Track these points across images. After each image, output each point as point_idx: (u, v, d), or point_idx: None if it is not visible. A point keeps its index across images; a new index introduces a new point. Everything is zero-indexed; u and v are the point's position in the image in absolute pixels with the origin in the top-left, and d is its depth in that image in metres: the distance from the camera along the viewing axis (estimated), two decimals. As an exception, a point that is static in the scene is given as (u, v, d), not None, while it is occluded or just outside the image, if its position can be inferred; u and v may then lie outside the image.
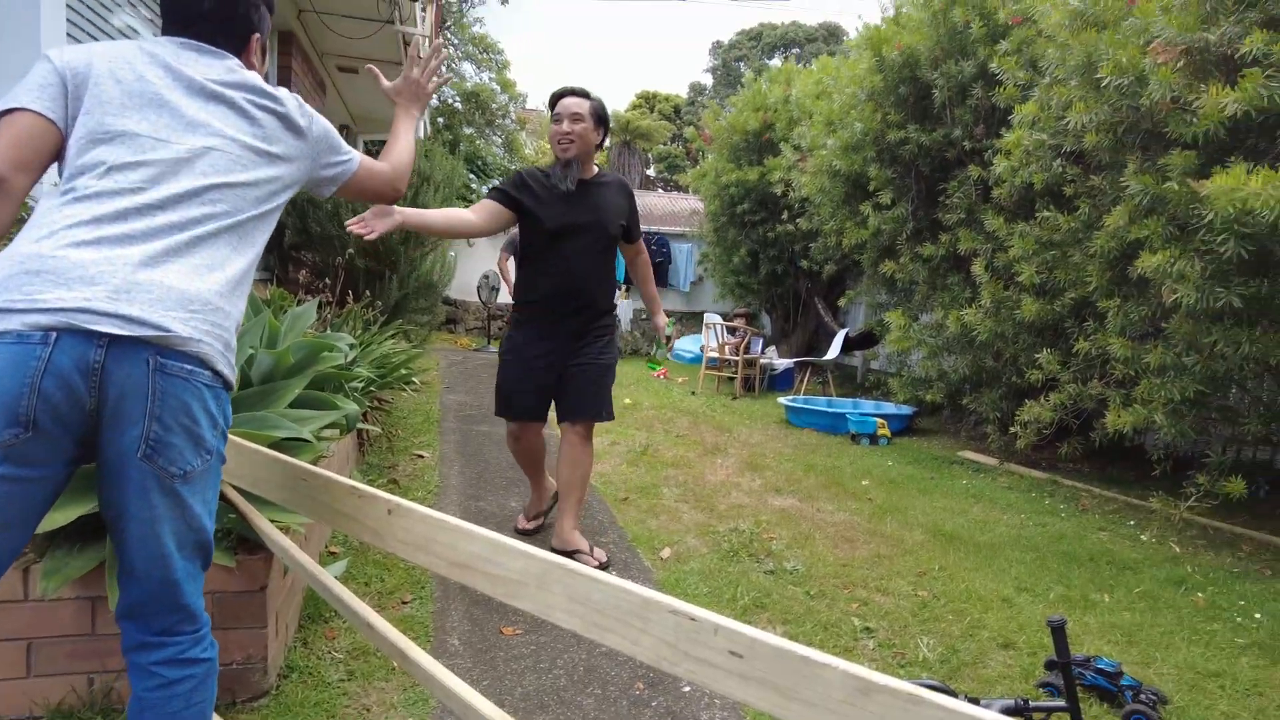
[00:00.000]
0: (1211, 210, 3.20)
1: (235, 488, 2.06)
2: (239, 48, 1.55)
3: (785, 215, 9.06)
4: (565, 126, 2.98)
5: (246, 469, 1.80)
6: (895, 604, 2.95)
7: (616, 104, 42.69)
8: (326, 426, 2.46)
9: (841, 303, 8.26)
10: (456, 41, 12.17)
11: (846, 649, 2.57)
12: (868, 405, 7.16)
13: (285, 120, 1.52)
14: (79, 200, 1.29)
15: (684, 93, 40.24)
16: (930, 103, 6.15)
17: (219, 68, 1.47)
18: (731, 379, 8.80)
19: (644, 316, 13.59)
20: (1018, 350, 5.22)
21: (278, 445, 2.10)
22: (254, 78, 1.52)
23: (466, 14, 13.13)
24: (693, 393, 8.34)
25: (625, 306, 13.05)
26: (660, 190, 25.84)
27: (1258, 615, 3.04)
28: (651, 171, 33.65)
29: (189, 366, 1.28)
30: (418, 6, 5.97)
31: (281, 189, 1.52)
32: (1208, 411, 4.10)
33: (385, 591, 2.78)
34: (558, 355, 3.07)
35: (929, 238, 6.26)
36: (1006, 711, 1.94)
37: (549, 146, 3.12)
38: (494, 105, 14.69)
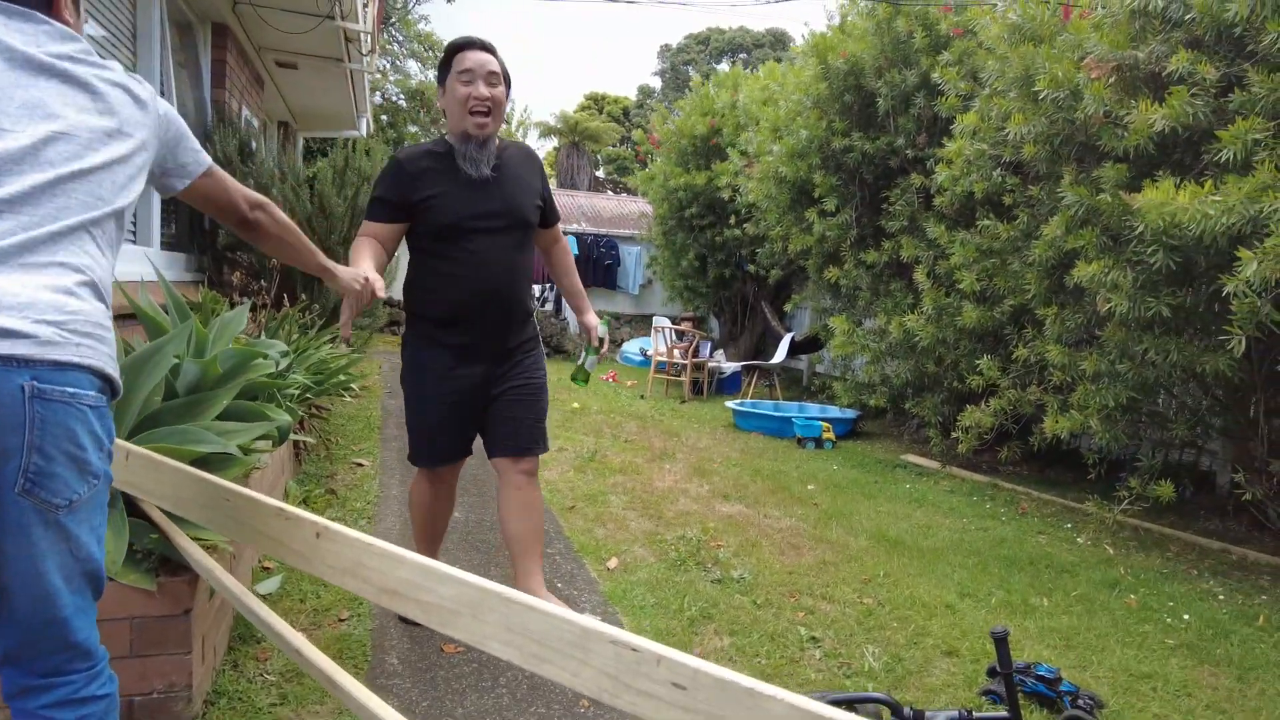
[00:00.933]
0: (1142, 223, 3.30)
1: (159, 506, 1.96)
2: (48, 2, 1.30)
3: (733, 220, 9.12)
4: (482, 89, 2.29)
5: (168, 488, 1.70)
6: (841, 612, 2.96)
7: (564, 104, 42.50)
8: (258, 438, 2.36)
9: (787, 307, 8.34)
10: (401, 39, 11.97)
11: (793, 660, 2.56)
12: (813, 409, 7.24)
13: (127, 91, 1.34)
14: None
15: (633, 95, 40.32)
16: (874, 111, 6.24)
17: (38, 33, 1.25)
18: (680, 382, 8.81)
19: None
20: (959, 356, 5.32)
21: (203, 461, 1.99)
22: (84, 44, 1.32)
23: (411, 10, 12.92)
24: (641, 396, 8.32)
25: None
26: (609, 192, 25.79)
27: (1185, 616, 3.13)
28: (600, 173, 33.63)
29: (70, 388, 1.15)
30: (359, 2, 5.82)
31: (138, 172, 1.34)
32: (1139, 416, 4.23)
33: (321, 608, 2.68)
34: (483, 378, 2.47)
35: (872, 244, 6.35)
36: (950, 721, 1.95)
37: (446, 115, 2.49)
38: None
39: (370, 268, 2.22)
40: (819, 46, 6.46)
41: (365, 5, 5.99)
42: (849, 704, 1.92)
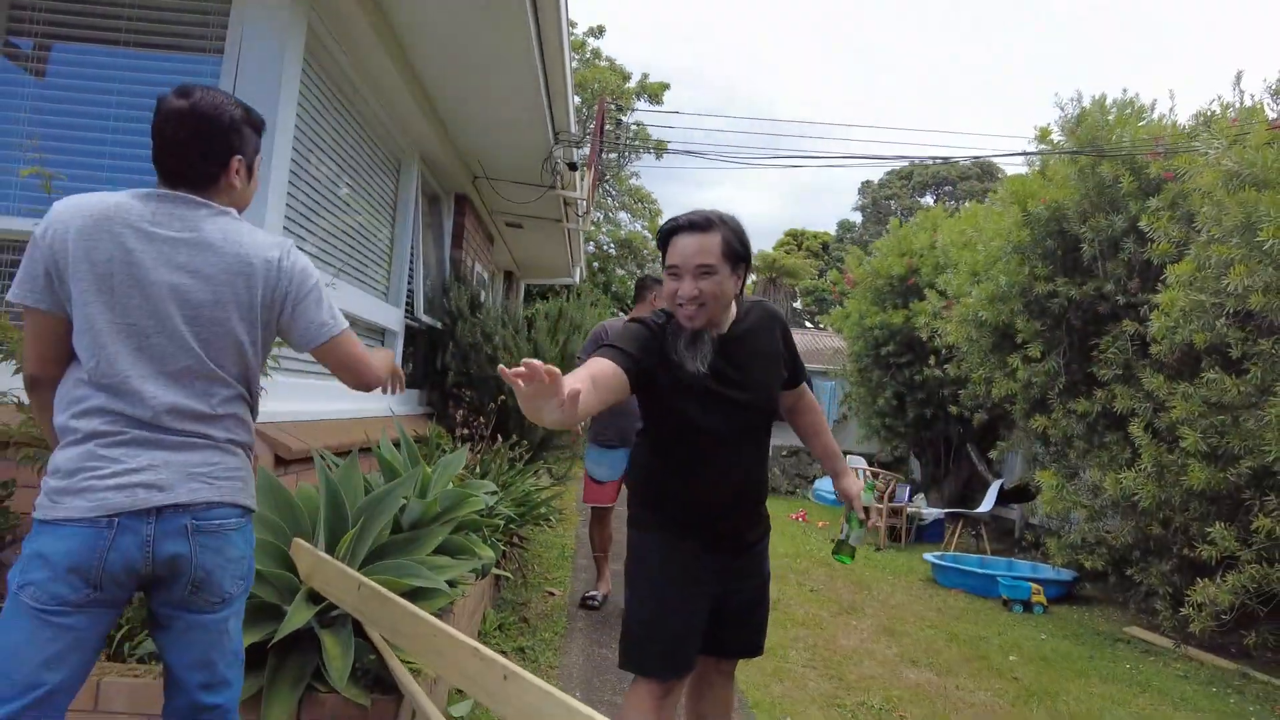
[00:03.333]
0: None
1: (386, 654, 2.28)
2: (218, 173, 1.62)
3: (932, 360, 8.90)
4: (688, 288, 1.95)
5: (388, 619, 2.00)
6: (1035, 807, 2.70)
7: (766, 238, 43.72)
8: (465, 573, 2.66)
9: (993, 454, 7.89)
10: (614, 192, 13.28)
11: None
12: (1023, 567, 6.68)
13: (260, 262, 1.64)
14: None
15: (833, 229, 40.86)
16: (1079, 255, 6.02)
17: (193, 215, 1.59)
18: (877, 528, 8.48)
19: (784, 454, 13.43)
20: (1188, 519, 4.79)
21: (413, 593, 2.30)
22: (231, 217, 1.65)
23: (623, 169, 14.29)
24: (832, 540, 8.08)
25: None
26: (806, 326, 25.94)
27: None
28: (798, 304, 33.98)
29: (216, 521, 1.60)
30: (577, 176, 6.61)
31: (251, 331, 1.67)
32: None
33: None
34: (722, 573, 2.12)
35: (1083, 392, 5.97)
36: None
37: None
38: (645, 251, 15.66)
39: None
40: (1019, 193, 6.40)
41: (582, 177, 6.78)
42: None
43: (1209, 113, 5.22)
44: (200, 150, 1.60)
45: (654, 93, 14.43)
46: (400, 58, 4.31)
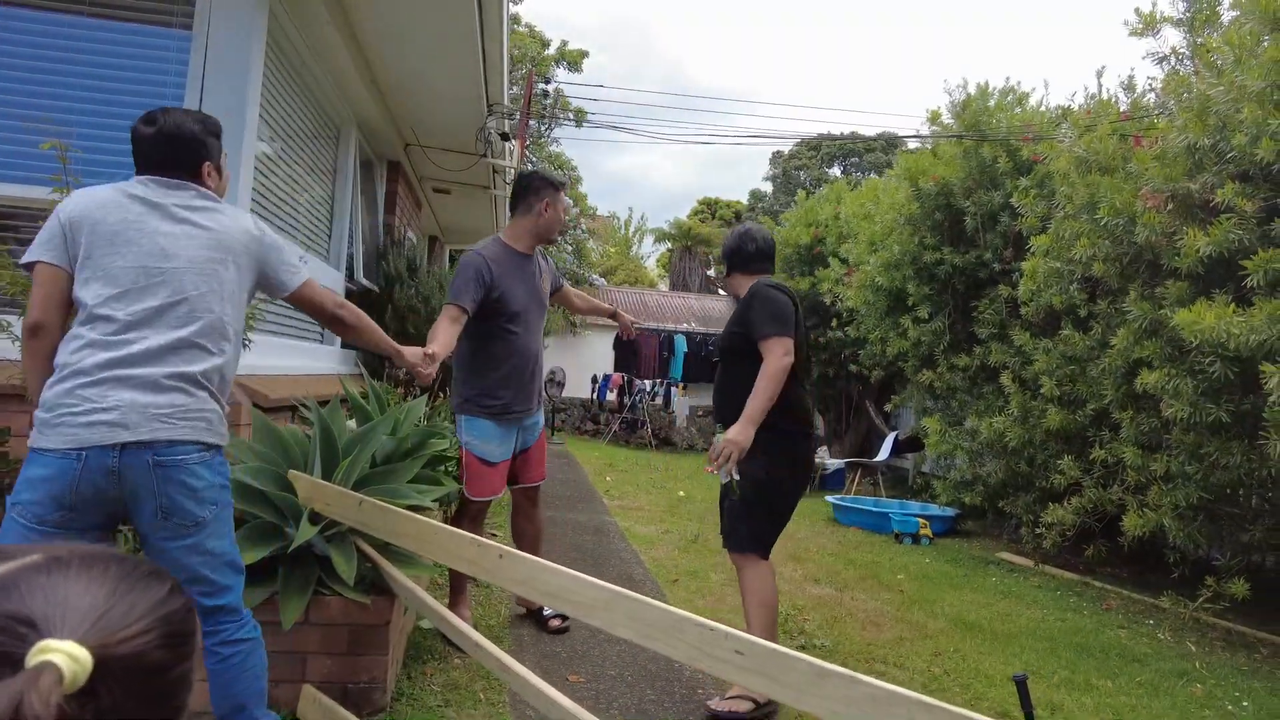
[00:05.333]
0: (1193, 336, 3.67)
1: (369, 543, 2.68)
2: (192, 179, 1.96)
3: (835, 323, 9.63)
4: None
5: (390, 526, 2.40)
6: (909, 677, 3.34)
7: (680, 211, 44.32)
8: (437, 498, 3.07)
9: (888, 407, 8.69)
10: (534, 160, 13.51)
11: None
12: (914, 507, 7.49)
13: (235, 226, 1.99)
14: None
15: (745, 199, 41.77)
16: (963, 227, 6.75)
17: (184, 196, 1.93)
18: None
19: (700, 414, 14.14)
20: (1046, 456, 5.60)
21: (406, 510, 2.71)
22: (212, 200, 1.99)
23: (545, 135, 14.51)
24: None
25: (683, 403, 13.62)
26: (720, 293, 26.75)
27: (1245, 704, 3.33)
28: (711, 272, 34.86)
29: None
30: (508, 146, 6.91)
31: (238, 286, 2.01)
32: (1216, 517, 4.42)
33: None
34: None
35: (964, 349, 6.75)
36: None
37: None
38: (567, 218, 15.84)
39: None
40: (911, 170, 7.08)
41: (511, 147, 7.08)
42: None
43: (1067, 105, 5.97)
44: (173, 164, 1.94)
45: (573, 60, 14.65)
46: (346, 28, 4.54)
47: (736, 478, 2.87)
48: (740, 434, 2.76)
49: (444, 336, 3.05)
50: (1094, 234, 4.63)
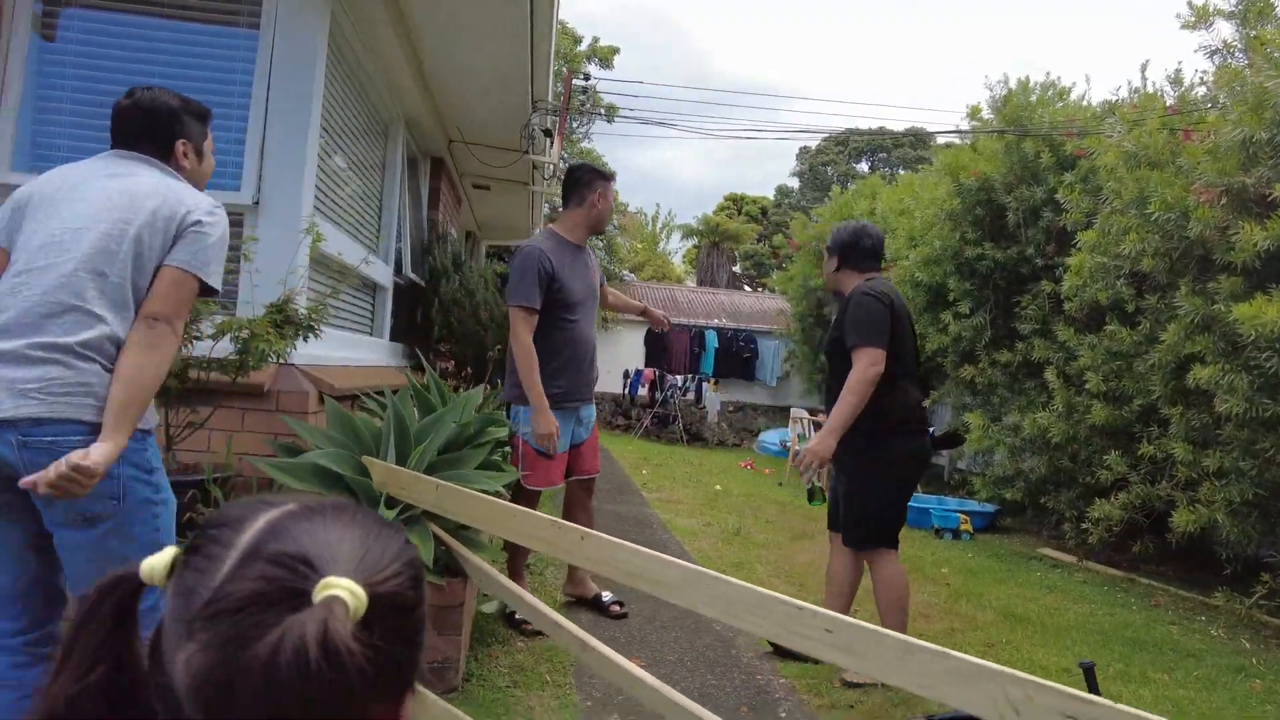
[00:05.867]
0: (1252, 331, 3.65)
1: (441, 527, 2.76)
2: (166, 155, 1.86)
3: (870, 319, 9.60)
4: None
5: (467, 510, 2.47)
6: (963, 666, 3.37)
7: (705, 206, 44.26)
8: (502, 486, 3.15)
9: (926, 404, 8.67)
10: (565, 156, 13.58)
11: (909, 701, 3.02)
12: (952, 503, 7.48)
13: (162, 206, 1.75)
14: None
15: (771, 195, 41.61)
16: (1004, 223, 6.72)
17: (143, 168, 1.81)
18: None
19: (731, 409, 14.15)
20: (1090, 452, 5.57)
21: (475, 497, 2.78)
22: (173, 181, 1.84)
23: (576, 131, 14.61)
24: (780, 484, 8.80)
25: (714, 399, 13.66)
26: (746, 289, 26.74)
27: (1307, 699, 3.32)
28: (738, 268, 34.80)
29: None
30: (549, 142, 6.99)
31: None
32: (1271, 513, 4.39)
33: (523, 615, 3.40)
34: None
35: (1006, 345, 6.72)
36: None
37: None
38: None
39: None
40: (951, 166, 7.06)
41: (551, 143, 7.17)
42: None
43: (1115, 99, 5.92)
44: (145, 138, 1.85)
45: (604, 56, 14.74)
46: (402, 27, 4.63)
47: (819, 484, 3.01)
48: (821, 445, 2.93)
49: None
50: (1143, 229, 4.61)
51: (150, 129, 1.86)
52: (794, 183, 43.46)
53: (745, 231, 26.39)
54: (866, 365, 2.88)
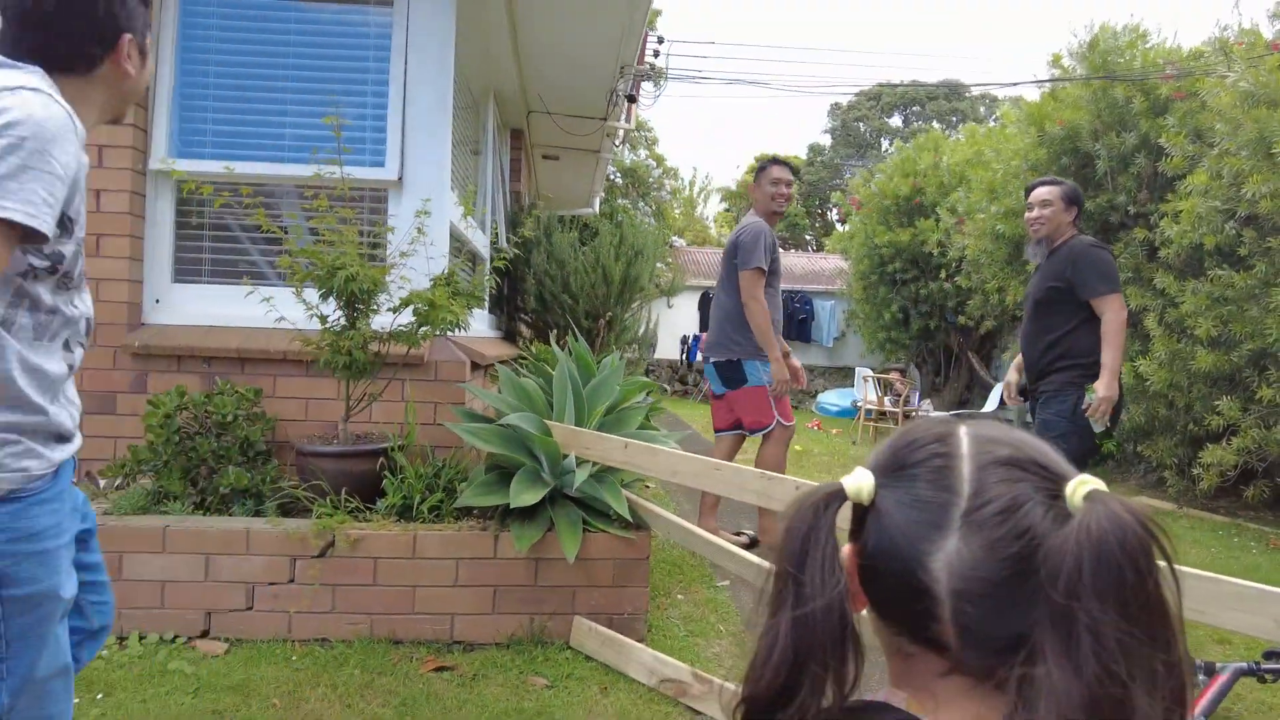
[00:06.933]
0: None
1: (631, 497, 2.87)
2: (101, 55, 1.27)
3: (943, 274, 9.56)
4: (1035, 212, 3.39)
5: (660, 465, 2.58)
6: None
7: (736, 170, 43.78)
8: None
9: (1005, 357, 8.65)
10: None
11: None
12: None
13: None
14: None
15: (802, 153, 41.01)
16: (1092, 171, 6.63)
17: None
18: (888, 429, 9.26)
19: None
20: (1193, 399, 5.55)
21: (653, 455, 2.89)
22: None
23: (657, 95, 14.59)
24: (853, 442, 8.86)
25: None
26: (792, 250, 26.52)
27: None
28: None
29: None
30: (626, 107, 7.00)
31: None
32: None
33: (687, 583, 3.53)
34: None
35: (1096, 295, 6.67)
36: (1240, 673, 2.45)
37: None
38: (650, 179, 16.02)
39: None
40: (1034, 115, 6.96)
41: (632, 109, 7.18)
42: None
43: (1223, 38, 5.77)
44: (78, 28, 1.25)
45: (649, 20, 14.57)
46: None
47: (1109, 426, 3.26)
48: (1109, 389, 3.15)
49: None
50: (1263, 169, 4.54)
51: (89, 13, 1.25)
52: (826, 140, 42.78)
53: (784, 192, 26.06)
54: (1119, 309, 3.20)
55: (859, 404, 9.57)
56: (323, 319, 2.86)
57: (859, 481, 0.67)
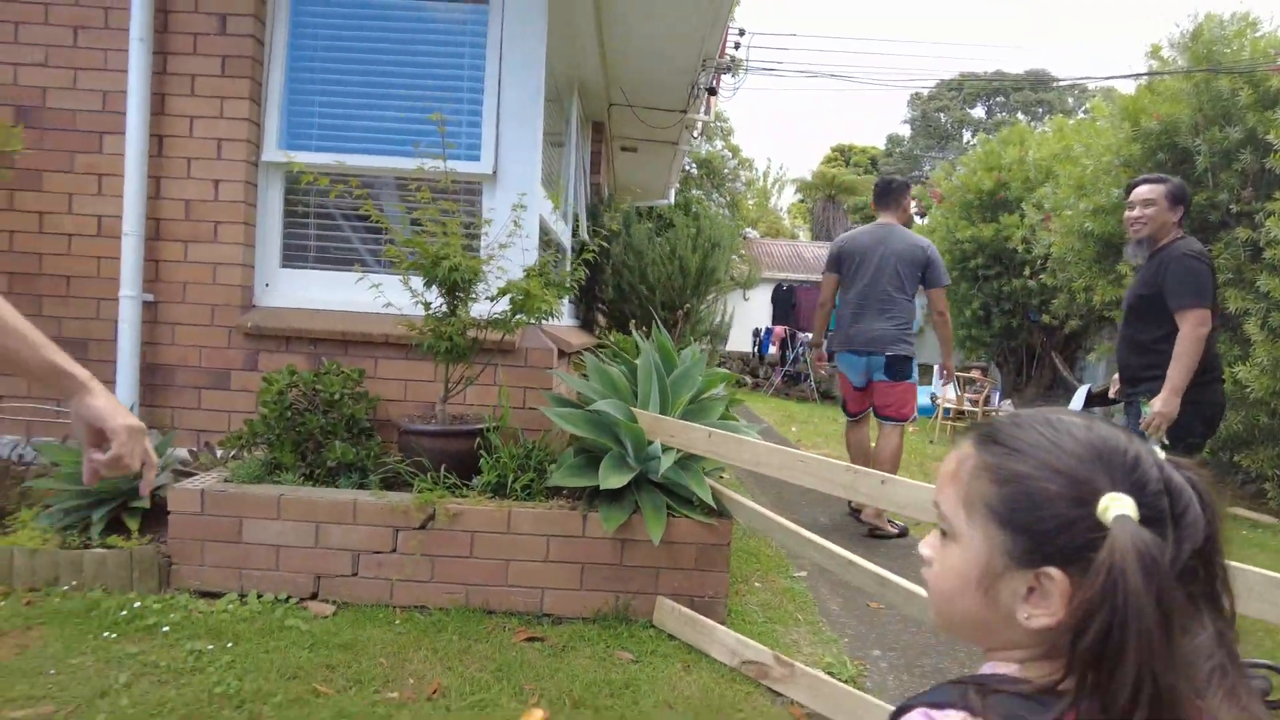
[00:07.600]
0: None
1: (713, 485, 2.95)
2: None
3: (1027, 271, 9.32)
4: (1136, 211, 3.28)
5: (744, 454, 2.65)
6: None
7: (813, 161, 43.13)
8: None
9: (1091, 358, 8.40)
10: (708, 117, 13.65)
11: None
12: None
13: None
14: None
15: (880, 144, 40.15)
16: (1190, 167, 6.37)
17: None
18: (963, 428, 9.08)
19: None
20: (1297, 407, 5.32)
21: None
22: None
23: (729, 89, 14.59)
24: (930, 441, 8.73)
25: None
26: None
27: None
28: (850, 223, 33.96)
29: None
30: (706, 100, 7.04)
31: None
32: None
33: (764, 571, 3.59)
34: None
35: (1192, 296, 6.41)
36: None
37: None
38: (725, 170, 16.02)
39: None
40: (1129, 109, 6.72)
41: (713, 101, 7.21)
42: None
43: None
44: None
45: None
46: (598, -5, 4.76)
47: (1166, 443, 3.14)
48: (1167, 406, 3.08)
49: None
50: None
51: None
52: (905, 130, 41.82)
53: (861, 184, 25.65)
54: (1196, 324, 3.07)
55: (937, 401, 9.41)
56: (427, 305, 3.03)
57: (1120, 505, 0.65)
